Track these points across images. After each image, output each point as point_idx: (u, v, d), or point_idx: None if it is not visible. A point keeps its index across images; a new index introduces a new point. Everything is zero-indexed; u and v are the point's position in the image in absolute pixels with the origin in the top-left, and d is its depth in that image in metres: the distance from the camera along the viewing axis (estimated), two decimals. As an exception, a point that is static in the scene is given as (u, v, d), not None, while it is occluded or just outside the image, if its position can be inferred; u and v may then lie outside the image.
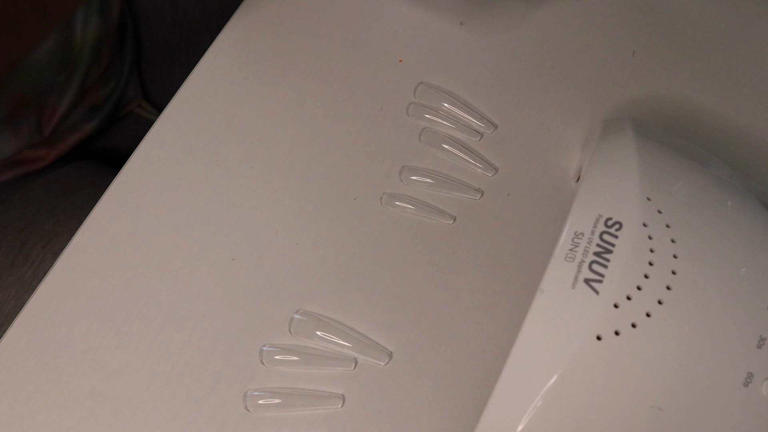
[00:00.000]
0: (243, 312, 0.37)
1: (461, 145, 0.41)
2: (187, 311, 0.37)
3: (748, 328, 0.29)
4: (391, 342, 0.37)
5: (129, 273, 0.37)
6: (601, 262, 0.29)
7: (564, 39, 0.44)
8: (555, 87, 0.43)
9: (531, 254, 0.39)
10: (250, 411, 0.35)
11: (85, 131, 0.58)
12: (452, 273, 0.38)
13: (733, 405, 0.28)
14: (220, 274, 0.37)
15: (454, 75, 0.43)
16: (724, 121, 0.43)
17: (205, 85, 0.41)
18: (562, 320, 0.29)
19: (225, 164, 0.40)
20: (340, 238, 0.39)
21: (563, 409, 0.29)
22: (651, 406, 0.28)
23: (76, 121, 0.57)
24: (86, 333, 0.36)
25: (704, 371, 0.29)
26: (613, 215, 0.31)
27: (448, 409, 0.36)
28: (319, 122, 0.41)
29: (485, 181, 0.40)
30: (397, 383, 0.36)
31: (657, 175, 0.32)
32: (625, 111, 0.43)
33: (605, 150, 0.34)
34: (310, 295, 0.37)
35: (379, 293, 0.38)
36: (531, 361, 0.29)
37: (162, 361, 0.35)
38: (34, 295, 0.36)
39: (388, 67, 0.43)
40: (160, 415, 0.35)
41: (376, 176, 0.40)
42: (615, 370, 0.28)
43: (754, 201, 0.33)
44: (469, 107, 0.42)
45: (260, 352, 0.36)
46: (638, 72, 0.44)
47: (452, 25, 0.44)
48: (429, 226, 0.39)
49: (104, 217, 0.38)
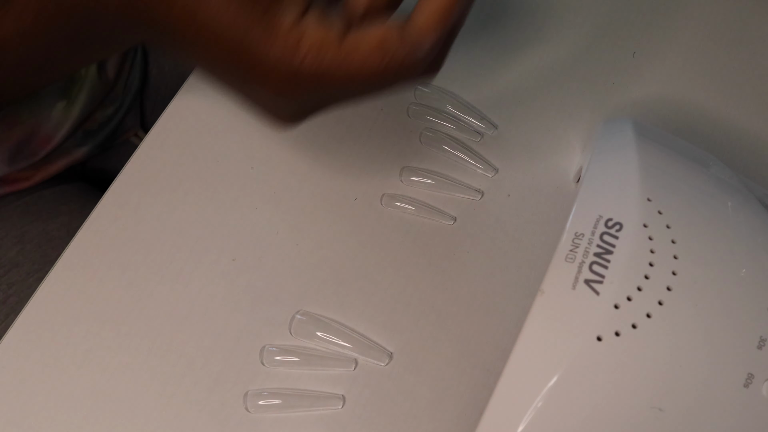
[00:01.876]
0: (243, 312, 0.37)
1: (461, 145, 0.41)
2: (187, 312, 0.37)
3: (748, 328, 0.29)
4: (391, 343, 0.37)
5: (129, 273, 0.37)
6: (601, 263, 0.29)
7: (564, 39, 0.44)
8: (555, 88, 0.43)
9: (531, 255, 0.39)
10: (251, 411, 0.35)
11: (76, 156, 0.54)
12: (452, 273, 0.38)
13: (733, 406, 0.28)
14: (221, 274, 0.37)
15: (454, 75, 0.43)
16: (724, 122, 0.43)
17: (205, 86, 0.41)
18: (563, 321, 0.29)
19: (225, 165, 0.40)
20: (340, 238, 0.39)
21: (564, 410, 0.29)
22: (651, 407, 0.28)
23: (68, 145, 0.53)
24: (86, 333, 0.36)
25: (704, 372, 0.29)
26: (613, 216, 0.31)
27: (449, 409, 0.36)
28: (320, 123, 0.41)
29: (485, 182, 0.40)
30: (398, 384, 0.36)
31: (657, 175, 0.32)
32: (625, 111, 0.43)
33: (605, 151, 0.34)
34: (311, 296, 0.37)
35: (380, 294, 0.38)
36: (531, 361, 0.29)
37: (162, 361, 0.35)
38: (35, 295, 0.36)
39: (388, 67, 0.43)
40: (160, 415, 0.35)
41: (376, 177, 0.40)
42: (615, 370, 0.28)
43: (754, 202, 0.33)
44: (469, 108, 0.42)
45: (261, 352, 0.36)
46: (638, 73, 0.44)
47: (452, 25, 0.44)
48: (429, 227, 0.39)
49: (105, 217, 0.38)
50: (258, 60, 0.24)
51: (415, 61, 0.24)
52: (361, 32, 0.24)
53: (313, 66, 0.24)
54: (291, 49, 0.24)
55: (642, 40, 0.45)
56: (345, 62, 0.24)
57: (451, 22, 0.25)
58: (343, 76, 0.24)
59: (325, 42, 0.24)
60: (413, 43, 0.24)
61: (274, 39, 0.24)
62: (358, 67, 0.24)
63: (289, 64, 0.24)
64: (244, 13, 0.24)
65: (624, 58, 0.44)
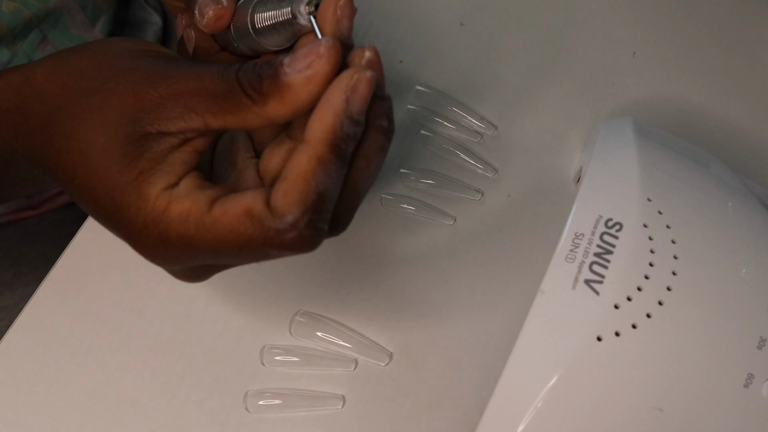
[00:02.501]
0: (243, 313, 0.37)
1: (461, 145, 0.41)
2: (187, 312, 0.36)
3: (748, 329, 0.29)
4: (391, 343, 0.37)
5: (129, 273, 0.37)
6: (601, 263, 0.29)
7: (564, 39, 0.44)
8: (555, 88, 0.43)
9: (531, 255, 0.39)
10: (251, 411, 0.35)
11: None
12: (452, 273, 0.38)
13: (733, 406, 0.28)
14: (220, 274, 0.37)
15: (454, 76, 0.43)
16: (724, 121, 0.43)
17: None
18: (563, 321, 0.29)
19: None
20: (340, 238, 0.39)
21: (564, 410, 0.29)
22: (651, 407, 0.28)
23: None
24: (87, 333, 0.36)
25: (704, 372, 0.29)
26: (613, 216, 0.31)
27: (449, 410, 0.36)
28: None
29: (485, 182, 0.40)
30: (398, 384, 0.36)
31: (657, 175, 0.32)
32: (625, 111, 0.43)
33: (605, 151, 0.34)
34: (311, 296, 0.37)
35: (380, 294, 0.38)
36: (531, 362, 0.29)
37: (162, 361, 0.35)
38: (35, 295, 0.36)
39: (388, 67, 0.43)
40: (160, 415, 0.35)
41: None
42: (615, 370, 0.28)
43: (754, 201, 0.33)
44: (469, 108, 0.42)
45: (261, 352, 0.36)
46: (638, 72, 0.44)
47: (452, 25, 0.44)
48: (429, 227, 0.39)
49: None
50: (127, 223, 0.24)
51: (280, 232, 0.23)
52: (229, 200, 0.24)
53: (179, 233, 0.24)
54: (157, 216, 0.24)
55: (642, 40, 0.45)
56: (211, 230, 0.23)
57: (315, 195, 0.23)
58: (210, 243, 0.24)
59: (193, 210, 0.24)
60: (278, 214, 0.23)
61: (143, 205, 0.24)
62: (223, 235, 0.23)
63: (155, 230, 0.24)
64: (116, 176, 0.24)
65: (624, 58, 0.44)
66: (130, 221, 0.24)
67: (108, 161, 0.24)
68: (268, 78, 0.23)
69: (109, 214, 0.25)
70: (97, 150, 0.24)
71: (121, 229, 0.25)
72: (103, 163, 0.24)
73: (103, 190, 0.24)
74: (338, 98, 0.23)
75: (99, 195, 0.24)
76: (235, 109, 0.24)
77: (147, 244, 0.24)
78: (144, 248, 0.24)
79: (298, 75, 0.23)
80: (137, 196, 0.24)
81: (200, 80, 0.24)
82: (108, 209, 0.24)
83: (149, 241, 0.24)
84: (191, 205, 0.24)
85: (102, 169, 0.24)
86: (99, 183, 0.24)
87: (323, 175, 0.23)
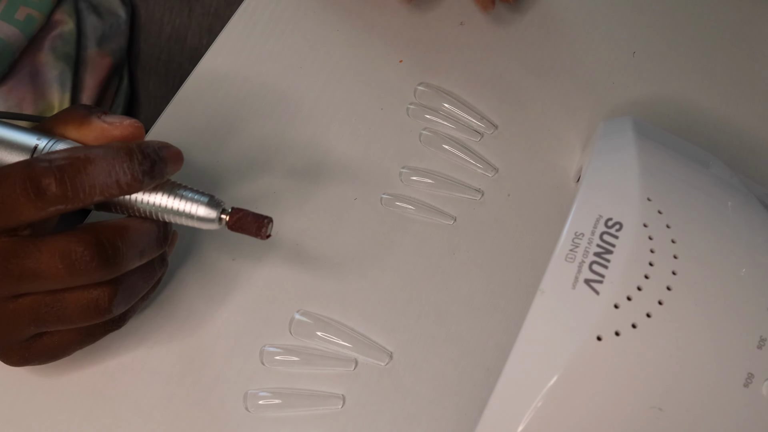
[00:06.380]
0: (243, 312, 0.37)
1: (461, 145, 0.41)
2: (187, 311, 0.37)
3: (748, 328, 0.29)
4: (391, 342, 0.37)
5: (129, 273, 0.37)
6: (601, 263, 0.29)
7: (564, 39, 0.44)
8: (555, 87, 0.43)
9: (531, 254, 0.39)
10: (251, 411, 0.35)
11: None
12: (452, 273, 0.38)
13: (733, 405, 0.28)
14: (220, 274, 0.37)
15: (454, 75, 0.43)
16: (724, 121, 0.43)
17: (206, 83, 0.41)
18: (563, 321, 0.29)
19: (224, 164, 0.40)
20: (340, 238, 0.39)
21: (563, 410, 0.29)
22: (651, 407, 0.28)
23: None
24: (86, 333, 0.36)
25: (704, 372, 0.29)
26: (613, 216, 0.31)
27: (449, 409, 0.36)
28: (319, 122, 0.41)
29: (485, 182, 0.40)
30: (398, 383, 0.36)
31: (657, 175, 0.32)
32: (625, 111, 0.43)
33: (605, 150, 0.34)
34: (311, 296, 0.37)
35: (379, 293, 0.38)
36: (531, 361, 0.29)
37: (162, 361, 0.35)
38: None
39: (388, 67, 0.43)
40: (160, 415, 0.35)
41: (376, 176, 0.40)
42: (615, 370, 0.28)
43: (754, 201, 0.33)
44: (469, 107, 0.42)
45: (261, 352, 0.36)
46: (638, 72, 0.44)
47: (452, 25, 0.44)
48: (429, 227, 0.39)
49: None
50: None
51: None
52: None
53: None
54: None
55: (642, 40, 0.45)
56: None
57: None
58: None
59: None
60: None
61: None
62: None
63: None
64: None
65: (624, 58, 0.44)
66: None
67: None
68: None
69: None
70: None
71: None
72: None
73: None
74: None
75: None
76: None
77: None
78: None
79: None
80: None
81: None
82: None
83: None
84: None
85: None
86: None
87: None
